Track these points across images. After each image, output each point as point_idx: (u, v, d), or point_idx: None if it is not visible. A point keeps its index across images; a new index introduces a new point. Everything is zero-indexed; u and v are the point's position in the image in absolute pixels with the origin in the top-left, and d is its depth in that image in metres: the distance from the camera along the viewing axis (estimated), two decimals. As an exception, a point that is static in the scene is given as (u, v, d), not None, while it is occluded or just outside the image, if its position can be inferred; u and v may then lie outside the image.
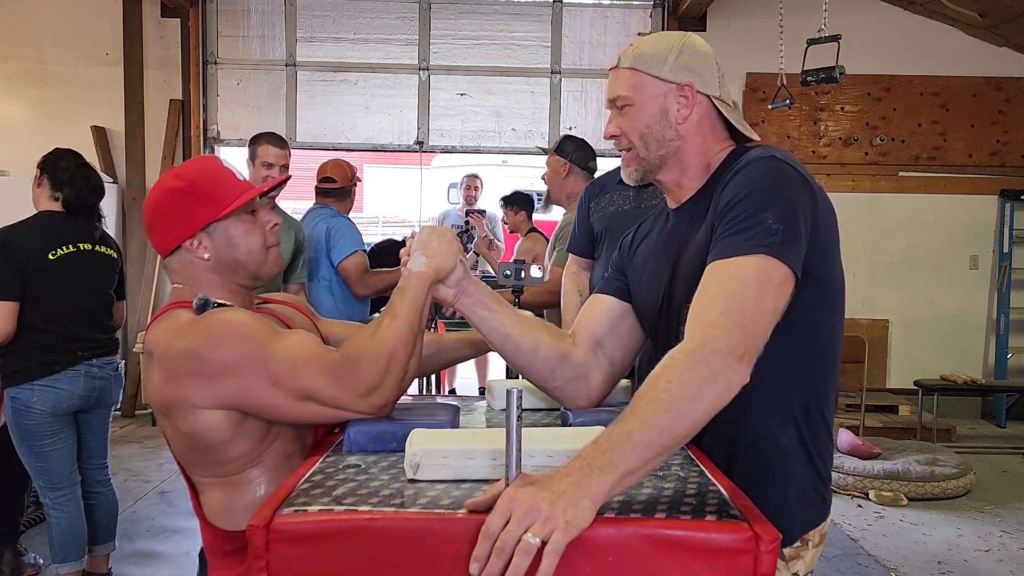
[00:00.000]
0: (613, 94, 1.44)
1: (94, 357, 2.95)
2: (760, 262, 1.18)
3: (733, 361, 1.10)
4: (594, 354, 1.48)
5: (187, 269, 1.42)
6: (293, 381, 1.26)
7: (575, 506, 0.94)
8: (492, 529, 0.93)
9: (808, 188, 1.28)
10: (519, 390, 0.98)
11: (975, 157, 6.43)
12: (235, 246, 1.41)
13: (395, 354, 1.29)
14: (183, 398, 1.28)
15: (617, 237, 2.87)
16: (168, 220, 1.40)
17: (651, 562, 0.95)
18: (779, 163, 1.28)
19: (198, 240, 1.40)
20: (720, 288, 1.17)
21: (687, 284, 1.32)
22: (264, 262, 1.45)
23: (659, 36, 1.44)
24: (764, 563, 0.94)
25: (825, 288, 1.31)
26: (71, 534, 2.95)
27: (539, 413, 1.54)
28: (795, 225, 1.21)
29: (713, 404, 1.08)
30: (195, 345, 1.27)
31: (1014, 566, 3.67)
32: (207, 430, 1.30)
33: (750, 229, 1.20)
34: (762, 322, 1.15)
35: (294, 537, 0.97)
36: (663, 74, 1.38)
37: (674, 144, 1.40)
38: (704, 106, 1.40)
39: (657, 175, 1.44)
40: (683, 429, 1.05)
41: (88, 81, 6.18)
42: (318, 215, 3.85)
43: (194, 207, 1.39)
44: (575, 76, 6.41)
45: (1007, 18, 5.81)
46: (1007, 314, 6.42)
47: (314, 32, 6.32)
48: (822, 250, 1.28)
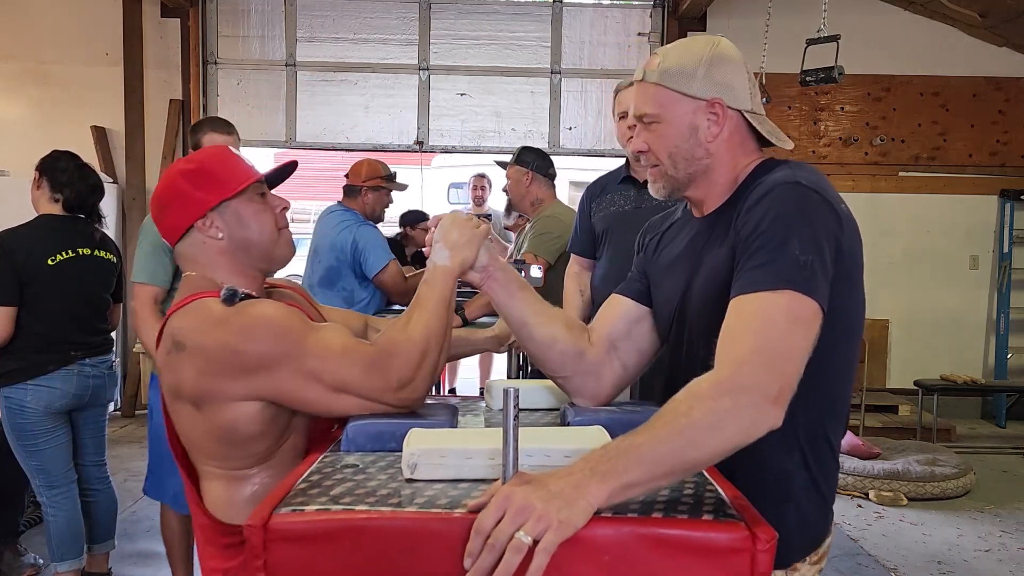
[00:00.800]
0: (639, 111, 1.38)
1: (87, 357, 2.95)
2: (789, 299, 1.14)
3: (764, 402, 1.06)
4: (608, 355, 1.48)
5: (200, 253, 1.42)
6: (329, 374, 1.28)
7: (570, 506, 0.94)
8: (483, 525, 0.94)
9: (834, 215, 1.24)
10: (516, 390, 0.98)
11: (975, 157, 6.42)
12: (247, 226, 1.42)
13: (427, 349, 1.32)
14: (221, 391, 1.29)
15: (619, 237, 2.90)
16: (179, 202, 1.41)
17: (648, 562, 0.95)
18: (804, 190, 1.23)
19: (209, 219, 1.41)
20: (748, 325, 1.13)
21: (701, 301, 1.32)
22: (277, 243, 1.46)
23: (686, 47, 1.38)
24: (761, 562, 0.94)
25: (844, 318, 1.26)
26: (69, 532, 2.96)
27: (537, 413, 1.54)
28: (821, 256, 1.18)
29: (734, 439, 1.05)
30: (233, 340, 1.28)
31: (1014, 566, 3.67)
32: (241, 423, 1.31)
33: (775, 262, 1.16)
34: (795, 362, 1.11)
35: (291, 537, 0.97)
36: (692, 91, 1.33)
37: (703, 162, 1.36)
38: (735, 121, 1.35)
39: (685, 192, 1.41)
40: (695, 455, 1.03)
41: (88, 81, 6.18)
42: (341, 220, 3.75)
43: (205, 186, 1.41)
44: (575, 76, 6.41)
45: (1007, 18, 5.80)
46: (1007, 314, 6.42)
47: (314, 32, 6.32)
48: (846, 278, 1.24)
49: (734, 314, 1.16)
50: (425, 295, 1.37)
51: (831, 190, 1.28)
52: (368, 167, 3.87)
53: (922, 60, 6.35)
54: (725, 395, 1.05)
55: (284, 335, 1.29)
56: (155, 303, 2.70)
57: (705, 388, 1.07)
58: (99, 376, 2.99)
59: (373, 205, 3.87)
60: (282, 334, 1.29)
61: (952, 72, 6.36)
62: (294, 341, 1.29)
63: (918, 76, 6.37)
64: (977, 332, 6.52)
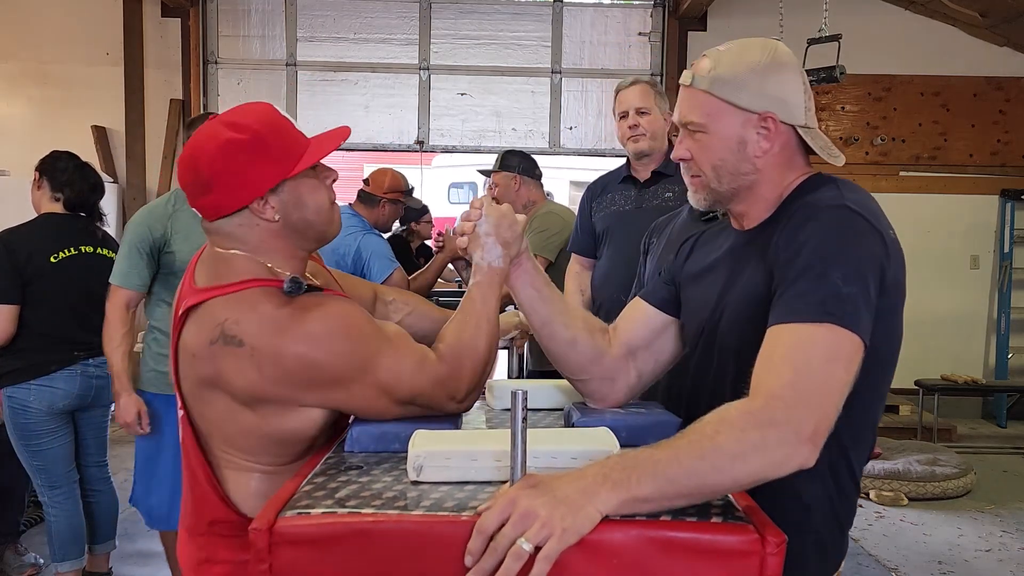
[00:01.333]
0: (685, 118, 1.30)
1: (91, 357, 2.95)
2: (829, 334, 1.08)
3: (795, 439, 1.01)
4: (625, 361, 1.44)
5: (248, 234, 1.27)
6: (401, 388, 1.25)
7: (576, 513, 0.93)
8: (486, 526, 0.93)
9: (881, 243, 1.18)
10: (524, 392, 0.98)
11: (976, 157, 6.42)
12: (304, 205, 1.29)
13: (490, 360, 1.33)
14: (288, 397, 1.23)
15: (619, 237, 2.90)
16: (232, 178, 1.24)
17: (656, 564, 0.95)
18: (851, 215, 1.17)
19: (265, 200, 1.26)
20: (786, 357, 1.08)
21: (732, 317, 1.28)
22: (331, 220, 1.34)
23: (740, 53, 1.28)
24: (770, 565, 0.93)
25: (881, 349, 1.20)
26: (70, 533, 2.95)
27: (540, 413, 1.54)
28: (864, 287, 1.12)
29: (758, 471, 1.00)
30: (309, 349, 1.20)
31: (1014, 566, 3.67)
32: (300, 427, 1.26)
33: (817, 292, 1.10)
34: (832, 399, 1.05)
35: (297, 540, 0.96)
36: (743, 102, 1.25)
37: (749, 178, 1.28)
38: (786, 136, 1.27)
39: (727, 205, 1.34)
40: (715, 481, 0.99)
41: (88, 81, 6.17)
42: (348, 225, 3.64)
43: (263, 163, 1.24)
44: (576, 76, 6.40)
45: (1008, 18, 5.80)
46: (1008, 314, 6.41)
47: (314, 32, 6.31)
48: (890, 311, 1.19)
49: (771, 343, 1.11)
50: (483, 300, 1.33)
51: (880, 214, 1.22)
52: (392, 179, 3.80)
53: (923, 60, 6.35)
54: (754, 427, 1.01)
55: (360, 347, 1.23)
56: (126, 307, 2.69)
57: (734, 416, 1.03)
58: (102, 376, 2.98)
59: (388, 218, 3.84)
60: (358, 345, 1.23)
61: (953, 72, 6.36)
62: (369, 353, 1.23)
63: (919, 76, 6.37)
64: (978, 332, 6.52)
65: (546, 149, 6.43)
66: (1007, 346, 6.43)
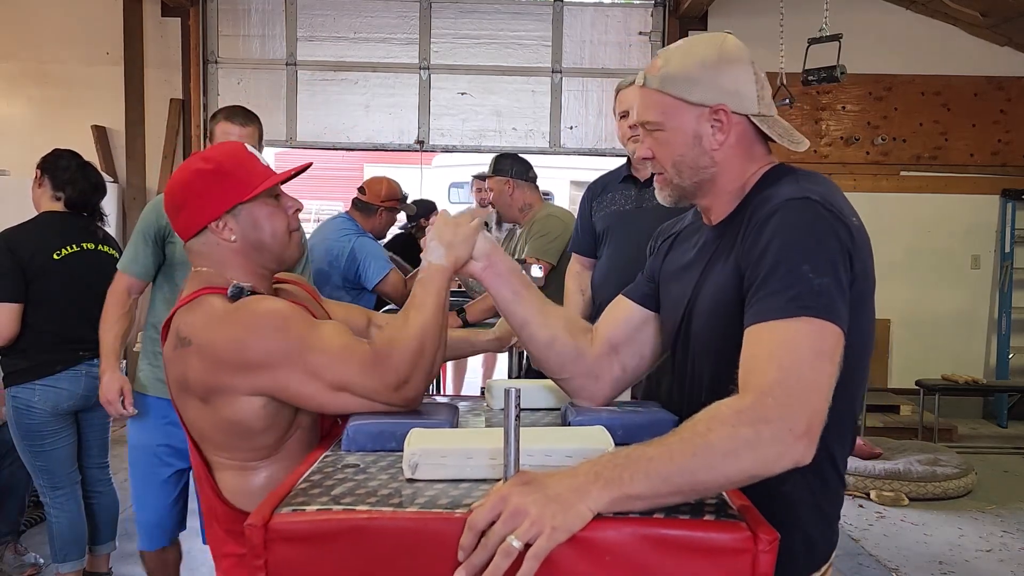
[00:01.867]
0: (642, 118, 1.33)
1: (95, 357, 2.95)
2: (811, 328, 1.08)
3: (789, 436, 1.01)
4: (608, 358, 1.45)
5: (212, 252, 1.45)
6: (329, 373, 1.31)
7: (567, 511, 0.93)
8: (477, 522, 0.94)
9: (846, 230, 1.18)
10: (517, 390, 0.98)
11: (976, 157, 6.42)
12: (260, 228, 1.44)
13: (423, 348, 1.33)
14: (227, 385, 1.32)
15: (619, 236, 2.90)
16: (196, 201, 1.42)
17: (649, 562, 0.95)
18: (813, 206, 1.17)
19: (224, 222, 1.42)
20: (771, 355, 1.07)
21: (704, 315, 1.29)
22: (288, 245, 1.48)
23: (688, 49, 1.31)
24: (762, 562, 0.93)
25: (854, 338, 1.18)
26: (71, 533, 2.96)
27: (538, 412, 1.54)
28: (836, 276, 1.12)
29: (750, 469, 1.00)
30: (238, 335, 1.31)
31: (1015, 566, 3.67)
32: (246, 416, 1.34)
33: (791, 288, 1.10)
34: (823, 393, 1.05)
35: (292, 536, 0.97)
36: (694, 97, 1.27)
37: (709, 171, 1.31)
38: (741, 127, 1.29)
39: (693, 200, 1.36)
40: (707, 478, 0.99)
41: (88, 81, 6.18)
42: (342, 228, 3.77)
43: (222, 188, 1.42)
44: (576, 75, 6.40)
45: (1008, 17, 5.80)
46: (1008, 314, 6.41)
47: (315, 31, 6.31)
48: (859, 298, 1.19)
49: (753, 343, 1.10)
50: (420, 294, 1.38)
51: (843, 202, 1.23)
52: (388, 188, 3.85)
53: (924, 59, 6.34)
54: (746, 424, 1.00)
55: (286, 332, 1.32)
56: (127, 293, 2.64)
57: (726, 413, 1.02)
58: (105, 376, 3.01)
59: (384, 225, 3.88)
60: (284, 331, 1.32)
61: (954, 72, 6.35)
62: (296, 337, 1.31)
63: (920, 75, 6.37)
64: (979, 332, 6.51)
65: (546, 149, 6.43)
66: (1008, 346, 6.42)
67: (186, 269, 2.38)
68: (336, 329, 1.37)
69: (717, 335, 1.22)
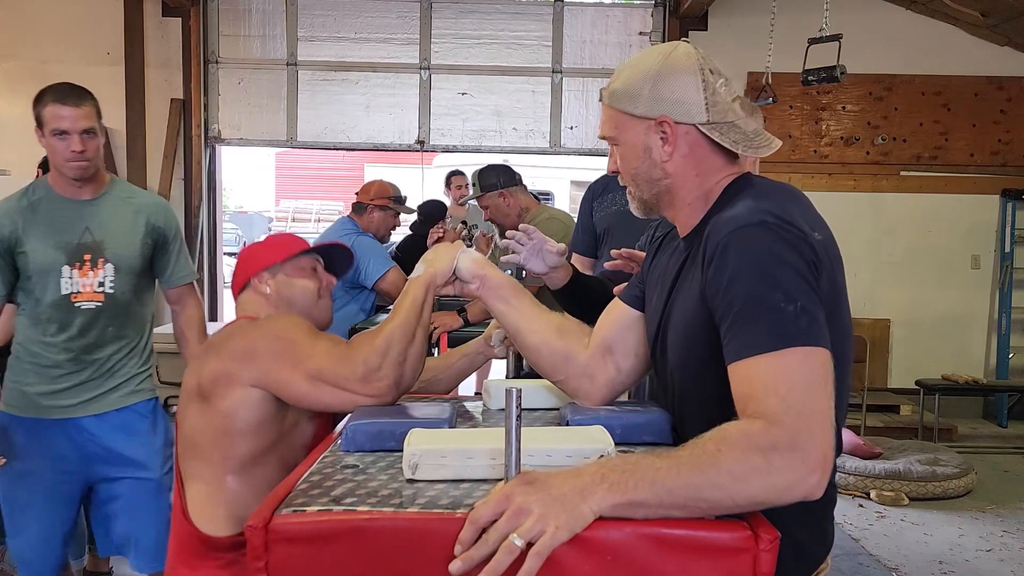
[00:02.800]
0: (602, 133, 1.37)
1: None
2: (801, 358, 1.06)
3: (803, 467, 1.00)
4: (602, 358, 1.47)
5: (252, 302, 1.74)
6: (308, 361, 1.47)
7: (569, 512, 0.94)
8: (478, 517, 0.94)
9: (807, 246, 1.14)
10: (518, 390, 0.98)
11: (977, 157, 6.42)
12: (292, 285, 1.74)
13: (392, 340, 1.46)
14: (231, 372, 1.50)
15: (620, 236, 2.90)
16: (246, 263, 1.77)
17: (650, 561, 0.95)
18: (771, 230, 1.13)
19: (263, 277, 1.73)
20: (769, 388, 1.04)
21: (675, 333, 1.29)
22: (316, 304, 1.76)
23: (636, 63, 1.32)
24: (763, 562, 0.94)
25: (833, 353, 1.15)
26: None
27: (537, 412, 1.54)
28: (809, 296, 1.10)
29: (760, 495, 0.99)
30: (251, 332, 1.56)
31: (1015, 566, 3.67)
32: (240, 408, 1.50)
33: (767, 318, 1.08)
34: (828, 422, 1.04)
35: (293, 538, 0.97)
36: (638, 111, 1.28)
37: (663, 183, 1.31)
38: (690, 136, 1.27)
39: (658, 212, 1.37)
40: (711, 497, 0.98)
41: (89, 80, 6.07)
42: (342, 228, 3.93)
43: (266, 254, 1.77)
44: (576, 75, 6.40)
45: (1009, 17, 5.80)
46: (1008, 314, 6.41)
47: (315, 31, 6.31)
48: (832, 311, 1.16)
49: (744, 381, 1.08)
50: (398, 303, 1.54)
51: (803, 215, 1.19)
52: (378, 187, 4.01)
53: (924, 59, 6.34)
54: (756, 452, 0.99)
55: (287, 333, 1.54)
56: None
57: (735, 436, 1.01)
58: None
59: (378, 224, 3.96)
60: (285, 331, 1.54)
61: (954, 72, 6.35)
62: (291, 339, 1.52)
63: (920, 75, 6.37)
64: (979, 332, 6.51)
65: (547, 149, 6.43)
66: (1008, 346, 6.42)
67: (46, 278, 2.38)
68: (328, 336, 1.57)
69: (684, 355, 1.26)
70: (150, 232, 2.53)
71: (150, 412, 2.57)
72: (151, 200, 2.64)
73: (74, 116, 2.40)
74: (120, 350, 2.49)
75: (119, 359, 2.49)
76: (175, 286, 2.63)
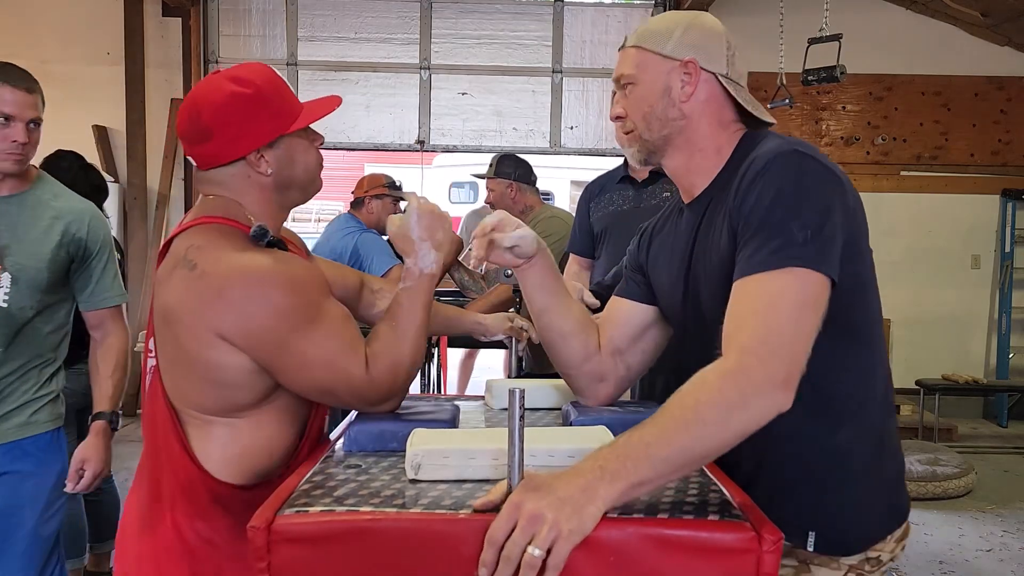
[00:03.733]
0: (618, 73, 1.40)
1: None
2: (792, 278, 1.11)
3: (771, 389, 1.05)
4: (613, 360, 1.47)
5: (239, 184, 1.33)
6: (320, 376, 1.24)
7: (579, 512, 0.94)
8: (496, 535, 0.94)
9: (835, 181, 1.20)
10: (521, 390, 0.98)
11: (977, 156, 6.42)
12: (295, 163, 1.36)
13: (414, 366, 1.33)
14: (218, 328, 1.21)
15: (618, 237, 2.90)
16: (231, 129, 1.30)
17: (653, 562, 0.95)
18: (803, 158, 1.20)
19: (262, 154, 1.32)
20: (752, 309, 1.11)
21: (710, 287, 1.29)
22: (315, 180, 1.41)
23: (668, 14, 1.41)
24: (767, 563, 0.93)
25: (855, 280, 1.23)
26: (72, 531, 2.96)
27: (538, 412, 1.54)
28: (825, 226, 1.14)
29: (743, 430, 1.04)
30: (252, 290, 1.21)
31: (1015, 566, 3.67)
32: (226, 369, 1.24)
33: (775, 239, 1.13)
34: (803, 343, 1.09)
35: (296, 538, 0.97)
36: (666, 51, 1.33)
37: (678, 123, 1.33)
38: (710, 84, 1.33)
39: (662, 158, 1.37)
40: (704, 450, 1.03)
41: (89, 80, 6.17)
42: (345, 226, 3.91)
43: (263, 118, 1.31)
44: (576, 75, 6.40)
45: (1009, 17, 5.80)
46: (1009, 314, 6.41)
47: (315, 31, 6.31)
48: (855, 241, 1.22)
49: (738, 298, 1.14)
50: (410, 307, 1.33)
51: (828, 160, 1.26)
52: (369, 179, 4.05)
53: (924, 59, 6.34)
54: (731, 387, 1.04)
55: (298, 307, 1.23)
56: None
57: (711, 379, 1.06)
58: (107, 375, 2.98)
59: (378, 214, 3.98)
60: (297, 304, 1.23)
61: (954, 71, 6.35)
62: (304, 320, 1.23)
63: (920, 75, 6.37)
64: (979, 332, 6.51)
65: (547, 149, 6.43)
66: (1008, 346, 6.42)
67: None
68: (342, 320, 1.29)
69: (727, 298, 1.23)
70: (67, 243, 2.12)
71: (39, 450, 2.17)
72: (77, 206, 2.18)
73: (24, 102, 2.05)
74: (11, 375, 2.09)
75: (8, 384, 2.09)
76: (93, 309, 2.25)
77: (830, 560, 1.28)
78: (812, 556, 1.27)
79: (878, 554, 1.33)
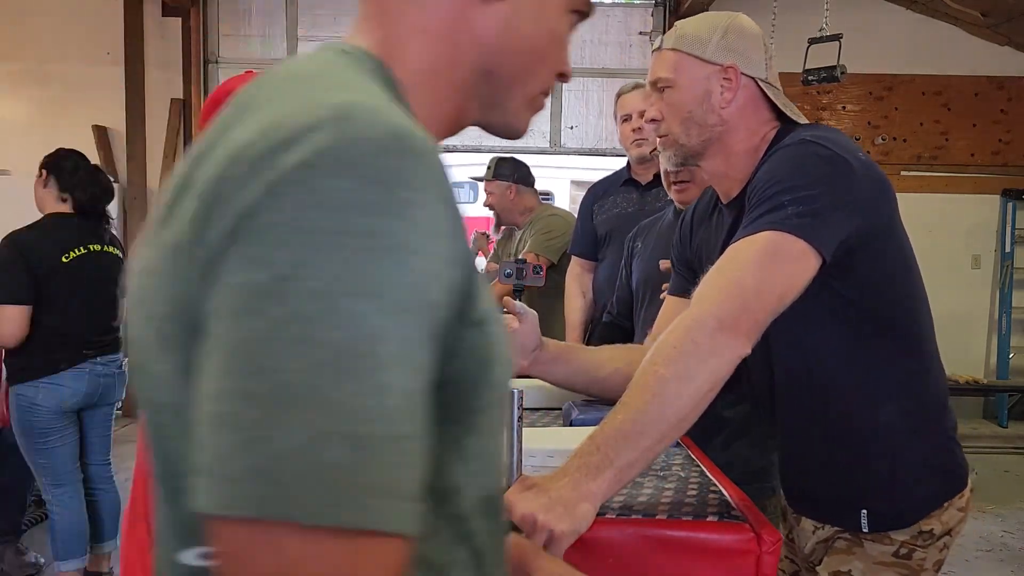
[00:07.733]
0: (654, 75, 1.37)
1: (98, 355, 2.96)
2: (766, 238, 1.12)
3: (724, 334, 1.05)
4: None
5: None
6: None
7: (572, 512, 0.93)
8: None
9: (841, 165, 1.19)
10: (520, 391, 0.98)
11: (977, 156, 6.41)
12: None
13: None
14: None
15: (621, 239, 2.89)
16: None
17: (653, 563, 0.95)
18: (808, 145, 1.21)
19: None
20: (721, 266, 1.14)
21: None
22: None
23: (704, 16, 1.39)
24: (766, 563, 0.94)
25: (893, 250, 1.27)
26: (73, 532, 2.96)
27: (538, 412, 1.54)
28: (818, 201, 1.14)
29: (708, 381, 1.03)
30: None
31: (1016, 566, 3.67)
32: None
33: (764, 210, 1.15)
34: (767, 295, 1.09)
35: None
36: (706, 55, 1.32)
37: (716, 129, 1.32)
38: (750, 89, 1.33)
39: (701, 162, 1.37)
40: (676, 412, 1.01)
41: (89, 81, 6.17)
42: None
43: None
44: (576, 75, 6.36)
45: (1009, 17, 5.79)
46: (1009, 314, 6.41)
47: (315, 31, 6.31)
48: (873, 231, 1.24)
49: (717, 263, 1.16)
50: None
51: (847, 144, 1.25)
52: None
53: (924, 59, 6.34)
54: (685, 337, 1.05)
55: None
56: None
57: (668, 337, 1.07)
58: (109, 375, 3.00)
59: None
60: None
61: (954, 71, 6.35)
62: None
63: (920, 75, 6.36)
64: (979, 332, 6.51)
65: (547, 149, 6.43)
66: (1008, 346, 6.42)
67: None
68: None
69: None
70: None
71: None
72: None
73: None
74: None
75: None
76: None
77: (882, 536, 1.28)
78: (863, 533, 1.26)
79: (931, 527, 1.34)
